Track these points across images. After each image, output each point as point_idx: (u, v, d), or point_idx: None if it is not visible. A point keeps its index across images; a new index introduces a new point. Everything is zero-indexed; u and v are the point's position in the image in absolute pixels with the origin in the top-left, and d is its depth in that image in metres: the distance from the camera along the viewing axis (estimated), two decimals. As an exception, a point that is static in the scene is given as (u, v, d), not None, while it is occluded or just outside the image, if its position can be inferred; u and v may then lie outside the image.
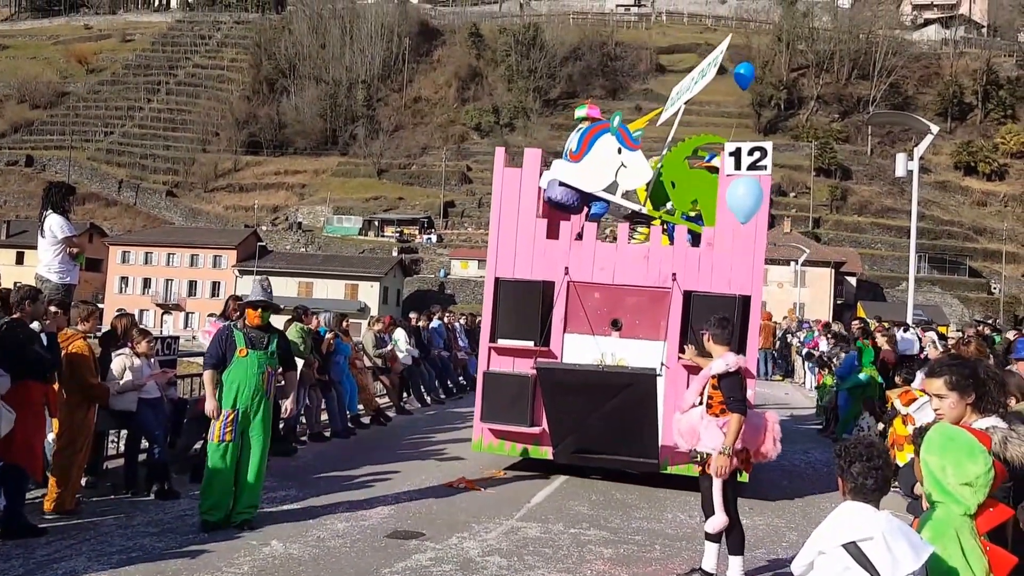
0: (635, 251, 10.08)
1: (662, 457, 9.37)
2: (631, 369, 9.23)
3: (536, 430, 9.89)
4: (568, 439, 9.51)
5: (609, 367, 9.33)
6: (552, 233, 10.31)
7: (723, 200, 9.69)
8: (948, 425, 4.14)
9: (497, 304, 10.14)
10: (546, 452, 9.90)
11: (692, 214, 10.83)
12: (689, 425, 6.68)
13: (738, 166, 9.58)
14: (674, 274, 9.73)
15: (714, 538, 6.65)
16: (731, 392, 6.48)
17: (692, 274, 9.72)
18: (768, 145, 9.67)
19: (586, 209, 10.78)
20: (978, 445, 3.90)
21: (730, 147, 9.72)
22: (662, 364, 9.52)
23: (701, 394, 6.68)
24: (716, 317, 6.95)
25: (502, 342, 10.06)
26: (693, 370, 9.07)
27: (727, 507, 6.51)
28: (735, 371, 6.52)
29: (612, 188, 10.51)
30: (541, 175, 10.47)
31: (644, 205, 10.90)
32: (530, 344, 9.89)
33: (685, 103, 11.37)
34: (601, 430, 9.26)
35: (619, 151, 10.39)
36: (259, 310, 7.85)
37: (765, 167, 9.52)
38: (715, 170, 11.08)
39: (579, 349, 9.92)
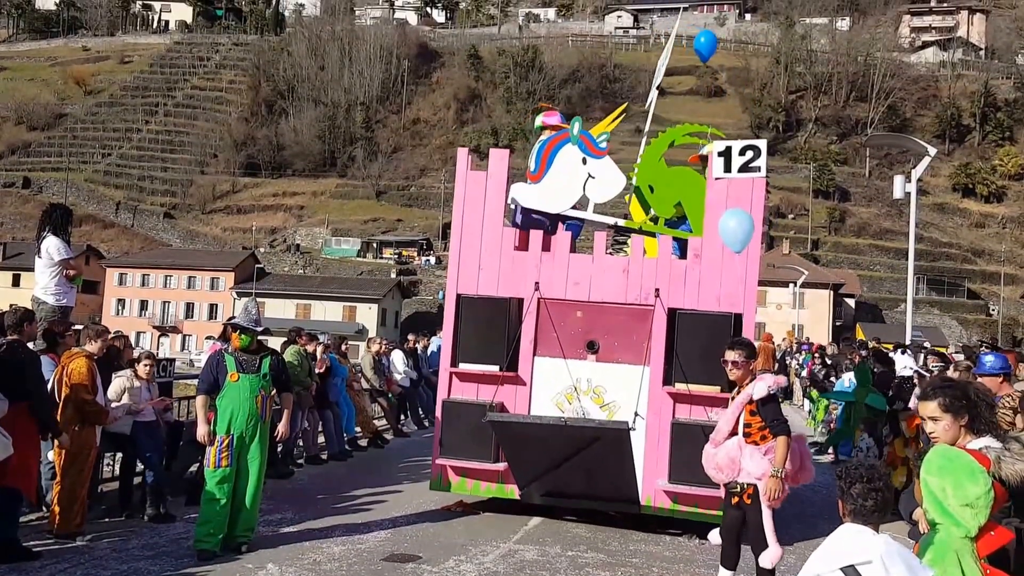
0: (613, 264, 9.06)
1: (644, 495, 8.60)
2: (598, 424, 8.17)
3: (500, 466, 8.89)
4: (533, 484, 8.75)
5: (574, 421, 8.22)
6: (522, 244, 9.33)
7: (712, 216, 8.83)
8: (948, 447, 4.15)
9: (459, 324, 9.13)
10: (512, 492, 8.97)
11: (676, 218, 9.69)
12: (728, 457, 6.25)
13: (728, 168, 8.71)
14: (657, 290, 8.74)
15: (731, 565, 6.48)
16: (775, 415, 6.18)
17: (677, 290, 8.76)
18: (762, 143, 8.76)
19: (560, 225, 9.75)
20: (978, 466, 3.92)
21: (719, 146, 8.77)
22: (636, 414, 8.61)
23: (737, 422, 6.29)
24: (738, 340, 6.57)
25: (464, 367, 9.06)
26: (679, 398, 8.60)
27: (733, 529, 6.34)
28: (773, 393, 6.24)
29: (582, 203, 9.67)
30: (508, 189, 9.57)
31: (630, 215, 10.13)
32: (495, 369, 8.90)
33: (657, 88, 10.64)
34: (571, 478, 8.49)
35: (584, 161, 9.42)
36: (237, 332, 7.80)
37: (759, 168, 8.61)
38: (706, 161, 10.06)
39: (551, 374, 8.97)
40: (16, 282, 74.65)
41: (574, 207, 9.59)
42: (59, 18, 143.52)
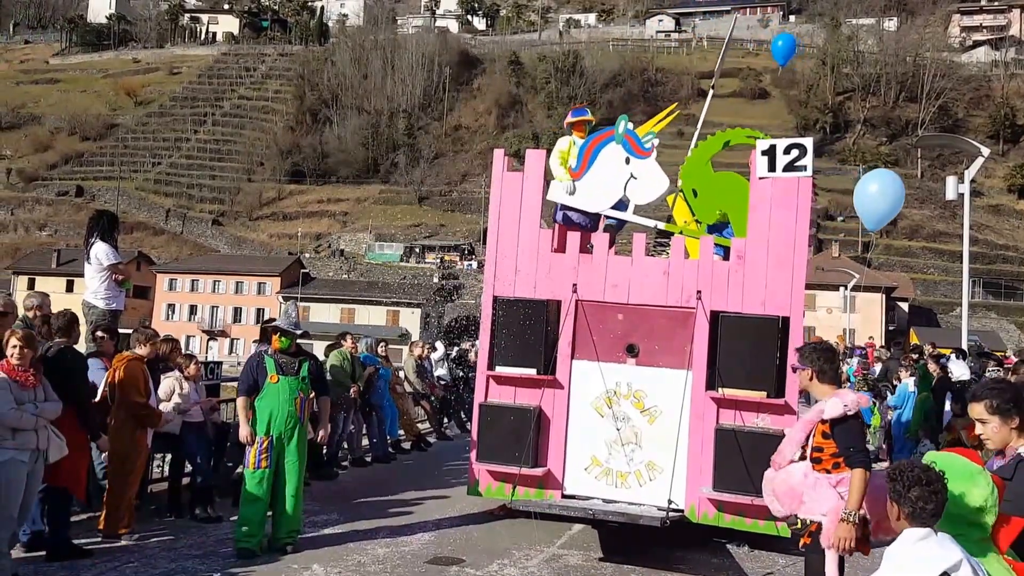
0: (654, 265, 8.75)
1: (688, 504, 8.28)
2: (627, 518, 7.80)
3: (539, 471, 8.58)
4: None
5: (602, 514, 7.92)
6: (559, 245, 9.15)
7: (757, 216, 8.51)
8: (942, 454, 4.20)
9: (496, 327, 8.93)
10: (552, 497, 8.73)
11: (719, 223, 9.47)
12: (788, 485, 5.24)
13: (772, 167, 8.41)
14: (699, 292, 8.43)
15: None
16: (851, 442, 5.04)
17: (720, 292, 8.43)
18: (807, 142, 8.48)
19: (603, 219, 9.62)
20: (974, 467, 3.99)
21: (762, 145, 8.48)
22: (669, 502, 8.02)
23: (804, 445, 5.25)
24: (815, 348, 5.57)
25: (501, 370, 8.82)
26: (723, 403, 8.23)
27: None
28: (854, 415, 5.13)
29: (623, 204, 9.38)
30: (547, 190, 9.37)
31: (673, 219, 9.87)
32: (533, 372, 8.70)
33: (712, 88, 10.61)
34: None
35: (627, 161, 9.14)
36: (278, 335, 7.89)
37: (805, 167, 8.33)
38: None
39: (589, 378, 8.74)
40: (70, 288, 76.00)
41: (615, 207, 9.34)
42: (110, 31, 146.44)
